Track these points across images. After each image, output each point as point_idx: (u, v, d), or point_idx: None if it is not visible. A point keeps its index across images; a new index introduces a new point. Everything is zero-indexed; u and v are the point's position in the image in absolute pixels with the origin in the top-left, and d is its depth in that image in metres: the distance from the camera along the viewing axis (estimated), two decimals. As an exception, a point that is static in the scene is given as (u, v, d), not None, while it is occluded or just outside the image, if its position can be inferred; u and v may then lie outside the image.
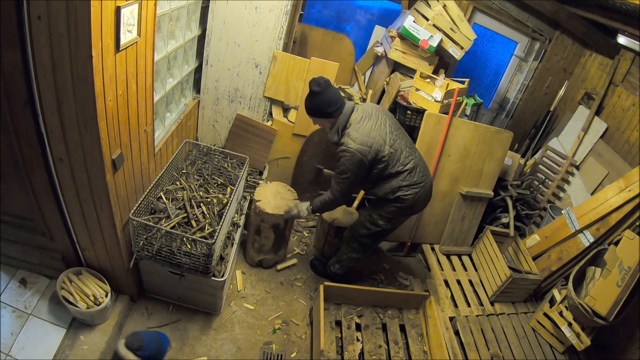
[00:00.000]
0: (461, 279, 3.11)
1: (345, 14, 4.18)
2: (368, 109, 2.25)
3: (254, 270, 2.89)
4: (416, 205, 2.38)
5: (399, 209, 2.36)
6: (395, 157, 2.24)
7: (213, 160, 2.79)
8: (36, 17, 1.31)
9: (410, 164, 2.27)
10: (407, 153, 2.28)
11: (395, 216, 2.41)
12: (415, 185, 2.30)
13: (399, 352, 2.49)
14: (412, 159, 2.30)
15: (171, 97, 2.53)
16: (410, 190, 2.29)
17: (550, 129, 4.23)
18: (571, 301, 2.54)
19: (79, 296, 2.05)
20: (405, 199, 2.30)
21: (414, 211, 2.45)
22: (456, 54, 3.31)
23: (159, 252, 2.11)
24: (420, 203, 2.39)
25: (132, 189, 2.04)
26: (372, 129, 2.16)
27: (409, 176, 2.27)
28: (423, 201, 2.41)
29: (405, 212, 2.41)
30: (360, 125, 2.16)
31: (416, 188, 2.31)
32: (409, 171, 2.27)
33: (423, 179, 2.33)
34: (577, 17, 3.71)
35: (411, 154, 2.31)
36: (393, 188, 2.28)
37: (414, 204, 2.35)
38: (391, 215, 2.39)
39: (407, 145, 2.32)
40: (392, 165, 2.23)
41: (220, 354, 2.31)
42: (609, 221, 2.75)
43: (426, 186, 2.36)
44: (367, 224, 2.48)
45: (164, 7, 2.02)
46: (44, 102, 1.51)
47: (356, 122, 2.17)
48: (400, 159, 2.25)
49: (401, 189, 2.28)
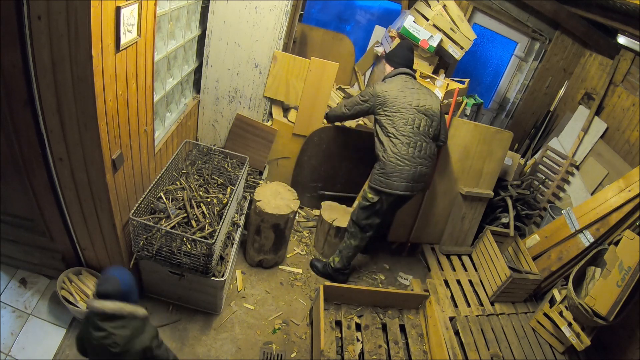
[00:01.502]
0: (461, 279, 3.11)
1: (345, 14, 4.18)
2: (410, 85, 2.55)
3: (254, 270, 2.89)
4: (394, 178, 2.48)
5: (380, 175, 2.51)
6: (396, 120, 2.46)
7: (213, 160, 2.79)
8: (36, 17, 1.31)
9: (405, 137, 2.45)
10: (412, 130, 2.46)
11: (379, 186, 2.52)
12: (399, 157, 2.46)
13: (399, 352, 2.49)
14: (413, 139, 2.46)
15: (171, 97, 2.53)
16: (394, 158, 2.46)
17: (550, 129, 4.23)
18: (571, 301, 2.54)
19: (79, 296, 2.05)
20: (385, 162, 2.48)
21: (394, 185, 2.49)
22: (456, 54, 3.31)
23: (159, 252, 2.11)
24: (401, 180, 2.48)
25: (132, 189, 2.04)
26: (394, 89, 2.50)
27: (400, 146, 2.46)
28: (405, 180, 2.49)
29: (386, 182, 2.50)
30: (387, 82, 2.56)
31: (400, 161, 2.46)
32: (402, 143, 2.45)
33: (413, 161, 2.48)
34: (577, 17, 3.71)
35: (416, 135, 2.47)
36: (382, 146, 2.50)
37: (393, 175, 2.48)
38: (375, 184, 2.53)
39: (422, 128, 2.50)
40: (391, 123, 2.47)
41: (220, 354, 2.31)
42: (609, 221, 2.75)
43: (413, 170, 2.49)
44: (360, 201, 2.70)
45: (164, 7, 2.02)
46: (44, 102, 1.51)
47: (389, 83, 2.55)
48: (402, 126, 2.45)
49: (387, 151, 2.47)
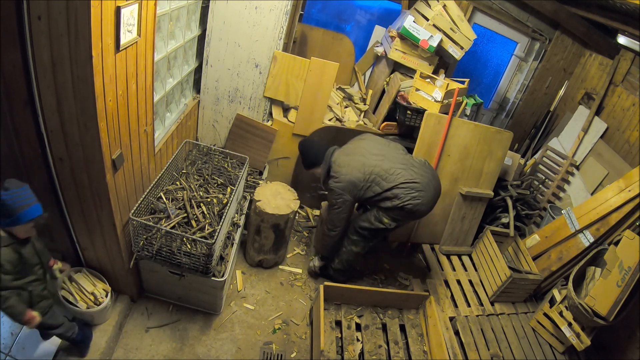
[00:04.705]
0: (461, 279, 3.11)
1: (345, 14, 4.18)
2: (349, 149, 2.50)
3: (254, 270, 2.89)
4: (420, 210, 2.45)
5: (404, 214, 2.46)
6: (378, 180, 2.39)
7: (213, 160, 2.79)
8: (36, 17, 1.31)
9: (401, 178, 2.39)
10: (396, 170, 2.40)
11: (401, 218, 2.50)
12: (414, 193, 2.39)
13: (399, 352, 2.49)
14: (404, 173, 2.40)
15: (171, 97, 2.53)
16: (409, 198, 2.39)
17: (550, 129, 4.23)
18: (571, 301, 2.54)
19: (79, 296, 2.05)
20: (406, 207, 2.40)
21: (419, 215, 2.53)
22: (456, 54, 3.31)
23: (159, 252, 2.11)
24: (425, 206, 2.46)
25: (132, 189, 2.04)
26: (348, 165, 2.40)
27: (406, 188, 2.39)
28: (427, 204, 2.47)
29: (410, 216, 2.50)
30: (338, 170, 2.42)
31: (415, 196, 2.39)
32: (404, 184, 2.39)
33: (423, 187, 2.42)
34: (577, 17, 3.71)
35: (404, 169, 2.42)
36: (397, 201, 2.39)
37: (417, 210, 2.43)
38: (397, 217, 2.49)
39: (398, 162, 2.45)
40: (380, 186, 2.39)
41: (220, 354, 2.31)
42: (609, 221, 2.75)
43: (429, 192, 2.44)
44: (371, 219, 2.53)
45: (164, 7, 2.02)
46: (44, 102, 1.51)
47: (335, 167, 2.43)
48: (387, 179, 2.39)
49: (399, 197, 2.39)
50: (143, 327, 2.32)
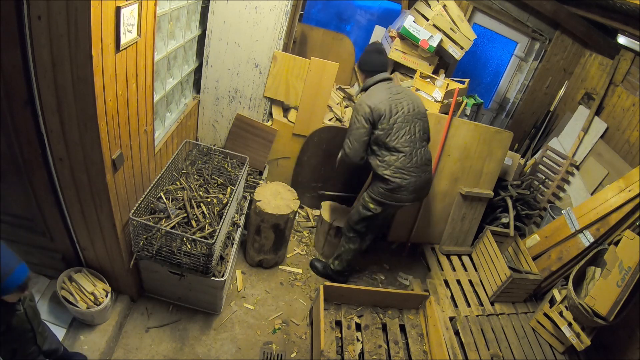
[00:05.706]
0: (461, 279, 3.11)
1: (345, 14, 4.18)
2: (395, 92, 2.42)
3: (254, 270, 2.89)
4: (402, 192, 2.43)
5: (385, 191, 2.44)
6: (394, 133, 2.36)
7: (213, 160, 2.79)
8: (36, 17, 1.31)
9: (407, 148, 2.37)
10: (410, 139, 2.38)
11: (383, 199, 2.47)
12: (405, 171, 2.39)
13: (399, 352, 2.49)
14: (413, 147, 2.39)
15: (171, 97, 2.53)
16: (399, 174, 2.39)
17: (550, 129, 4.23)
18: (571, 301, 2.54)
19: (79, 296, 2.05)
20: (391, 181, 2.39)
21: (401, 199, 2.48)
22: (456, 54, 3.31)
23: (159, 252, 2.11)
24: (409, 193, 2.45)
25: (132, 189, 2.04)
26: (383, 100, 2.35)
27: (404, 160, 2.38)
28: (412, 192, 2.46)
29: (392, 197, 2.46)
30: (373, 94, 2.39)
31: (405, 175, 2.39)
32: (405, 155, 2.38)
33: (417, 171, 2.42)
34: (577, 17, 3.71)
35: (414, 143, 2.40)
36: (384, 164, 2.39)
37: (400, 190, 2.42)
38: (379, 197, 2.47)
39: (417, 134, 2.42)
40: (390, 137, 2.36)
41: (220, 354, 2.31)
42: (609, 221, 2.75)
43: (418, 180, 2.44)
44: (359, 209, 2.59)
45: (164, 7, 2.02)
46: (44, 102, 1.51)
47: (374, 94, 2.39)
48: (400, 138, 2.36)
49: (390, 168, 2.38)
50: (143, 327, 2.32)
